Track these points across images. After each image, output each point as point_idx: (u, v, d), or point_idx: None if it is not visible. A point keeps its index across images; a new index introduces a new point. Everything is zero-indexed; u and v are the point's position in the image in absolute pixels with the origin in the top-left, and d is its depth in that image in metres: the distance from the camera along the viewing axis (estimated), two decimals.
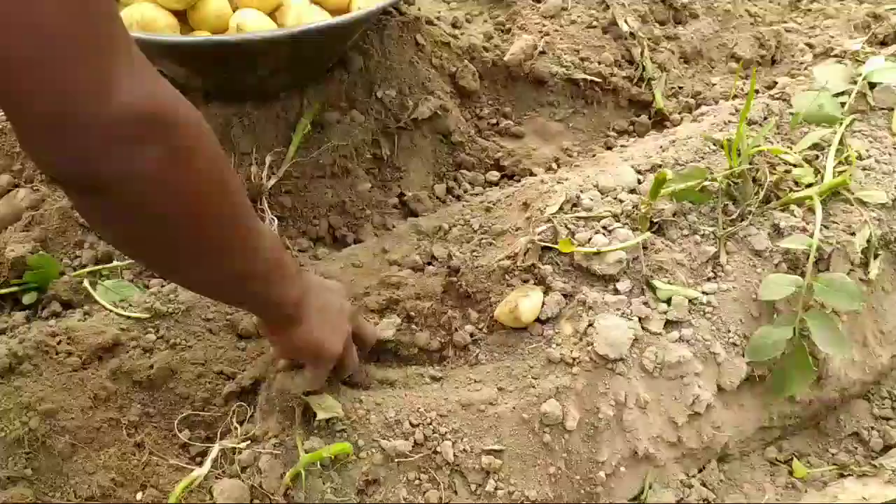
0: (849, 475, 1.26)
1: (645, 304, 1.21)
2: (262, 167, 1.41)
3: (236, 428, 1.14)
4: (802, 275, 1.21)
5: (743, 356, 1.21)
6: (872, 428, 1.32)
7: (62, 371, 1.19)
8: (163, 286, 1.34)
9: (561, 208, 1.29)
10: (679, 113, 1.77)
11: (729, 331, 1.22)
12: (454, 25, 1.86)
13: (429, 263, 1.38)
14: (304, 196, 1.50)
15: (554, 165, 1.68)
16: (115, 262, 1.40)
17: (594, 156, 1.66)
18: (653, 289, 1.22)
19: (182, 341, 1.25)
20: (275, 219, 1.39)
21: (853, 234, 1.28)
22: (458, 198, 1.61)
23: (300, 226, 1.49)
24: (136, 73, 0.72)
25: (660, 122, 1.78)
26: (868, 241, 1.28)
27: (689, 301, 1.22)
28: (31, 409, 1.12)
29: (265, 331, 1.10)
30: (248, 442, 1.11)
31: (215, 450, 1.08)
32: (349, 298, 1.14)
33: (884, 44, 1.89)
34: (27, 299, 1.40)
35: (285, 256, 0.97)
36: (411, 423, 1.11)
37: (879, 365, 1.32)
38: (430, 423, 1.11)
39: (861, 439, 1.32)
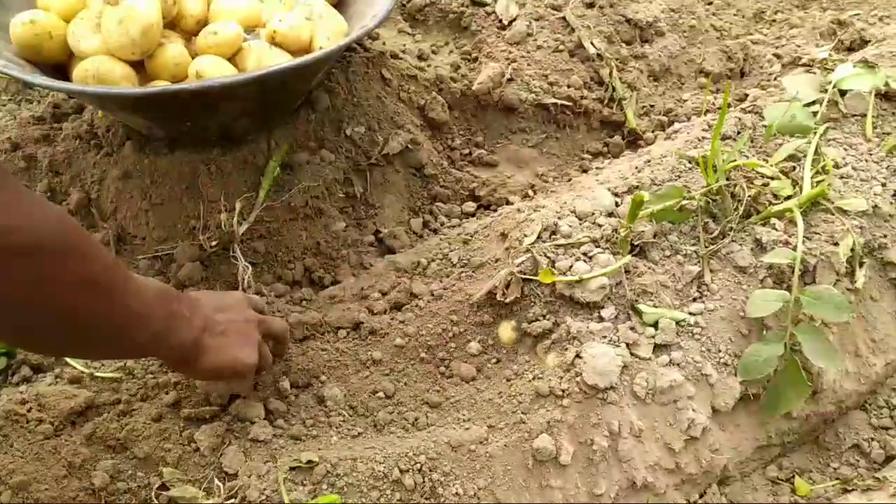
0: (853, 490, 1.23)
1: (632, 329, 1.18)
2: (233, 214, 1.38)
3: (219, 487, 1.10)
4: (789, 289, 1.19)
5: (735, 376, 1.18)
6: (872, 439, 1.30)
7: (34, 440, 1.14)
8: None
9: (539, 237, 1.27)
10: (652, 131, 1.75)
11: (720, 351, 1.19)
12: (420, 58, 1.85)
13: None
14: (277, 240, 1.47)
15: (530, 192, 1.65)
16: None
17: (570, 180, 1.64)
18: (638, 313, 1.19)
19: (156, 398, 1.21)
20: (249, 266, 1.36)
21: (836, 243, 1.26)
22: (435, 231, 1.58)
23: (275, 270, 1.45)
24: None
25: (633, 141, 1.76)
26: (852, 249, 1.26)
27: (677, 323, 1.19)
28: (1, 482, 1.07)
29: (173, 369, 1.17)
30: (232, 500, 1.07)
31: None
32: (250, 305, 1.18)
33: (850, 49, 1.90)
34: None
35: (176, 305, 1.01)
36: (400, 469, 1.07)
37: (874, 374, 1.30)
38: (421, 468, 1.08)
39: (862, 451, 1.29)
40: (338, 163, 1.55)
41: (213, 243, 1.40)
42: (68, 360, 1.26)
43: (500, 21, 1.89)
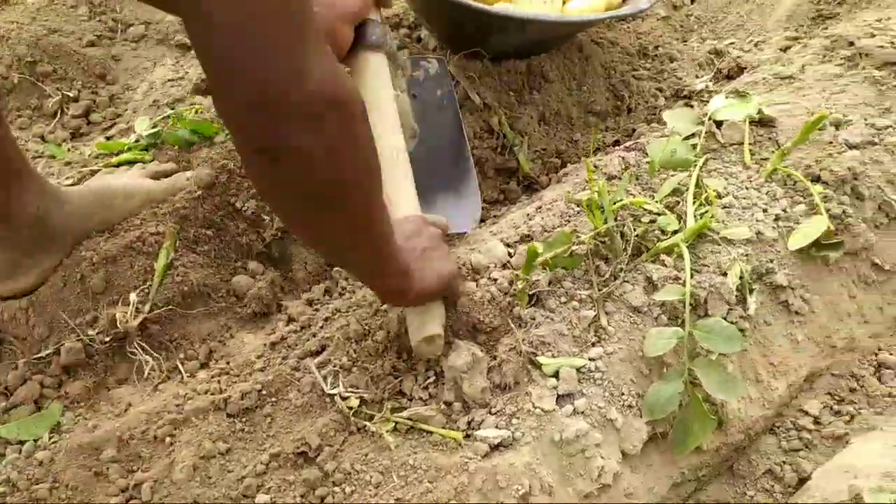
0: None
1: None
2: None
3: None
4: (682, 324, 1.20)
5: (641, 417, 1.18)
6: (784, 462, 1.30)
7: None
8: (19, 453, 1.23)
9: None
10: (546, 174, 1.77)
11: (623, 393, 1.19)
12: None
13: None
14: None
15: None
16: None
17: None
18: (538, 366, 1.18)
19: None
20: None
21: (725, 273, 1.28)
22: None
23: None
24: (324, 57, 0.82)
25: (529, 185, 1.77)
26: (741, 277, 1.28)
27: (577, 370, 1.18)
28: None
29: (390, 300, 1.24)
30: None
31: None
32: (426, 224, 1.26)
33: (729, 77, 1.96)
34: None
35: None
36: None
37: (777, 398, 1.31)
38: None
39: (775, 476, 1.29)
40: None
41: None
42: None
43: None
